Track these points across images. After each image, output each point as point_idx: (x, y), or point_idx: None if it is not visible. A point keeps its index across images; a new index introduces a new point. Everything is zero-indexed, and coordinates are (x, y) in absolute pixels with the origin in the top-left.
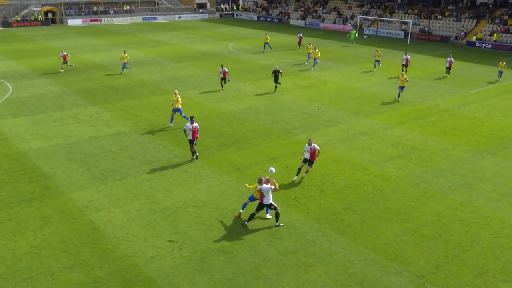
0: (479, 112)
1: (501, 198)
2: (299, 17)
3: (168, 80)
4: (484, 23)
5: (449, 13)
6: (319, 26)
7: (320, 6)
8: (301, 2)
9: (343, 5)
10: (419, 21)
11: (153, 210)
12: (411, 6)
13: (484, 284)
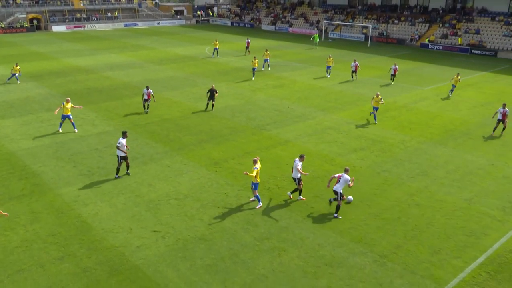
0: (432, 107)
1: (452, 184)
2: (269, 22)
3: (149, 82)
4: (435, 27)
5: (404, 18)
6: (288, 31)
7: (288, 12)
8: (271, 8)
9: (309, 11)
10: (378, 26)
11: (137, 203)
12: (371, 12)
13: (439, 261)
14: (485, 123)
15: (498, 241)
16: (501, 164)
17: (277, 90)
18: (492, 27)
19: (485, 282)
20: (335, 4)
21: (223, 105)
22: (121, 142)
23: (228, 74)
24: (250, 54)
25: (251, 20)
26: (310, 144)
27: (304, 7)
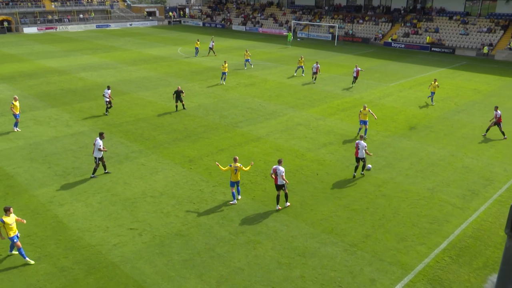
0: (396, 103)
1: (416, 175)
2: (240, 23)
3: (123, 82)
4: (398, 26)
5: (368, 18)
6: (258, 31)
7: (258, 13)
8: (241, 9)
9: (278, 12)
10: (344, 25)
11: (113, 202)
12: (337, 12)
13: (405, 248)
14: (446, 117)
15: (459, 227)
16: (460, 155)
17: (249, 89)
18: (450, 26)
19: (448, 266)
20: (302, 5)
21: (196, 104)
22: (99, 143)
23: (201, 73)
24: (215, 55)
25: (222, 21)
26: (282, 140)
27: (273, 7)
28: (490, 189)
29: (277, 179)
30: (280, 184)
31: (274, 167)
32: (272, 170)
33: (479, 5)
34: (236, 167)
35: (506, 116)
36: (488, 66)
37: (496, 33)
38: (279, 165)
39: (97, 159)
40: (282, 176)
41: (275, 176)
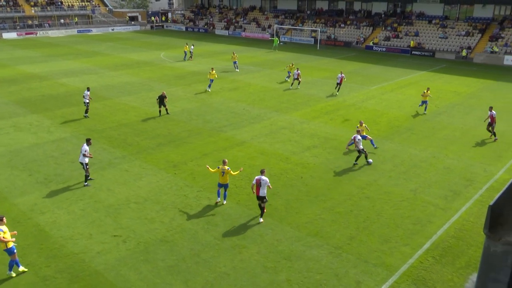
0: (378, 105)
1: (399, 176)
2: (223, 27)
3: (105, 88)
4: (379, 30)
5: (350, 22)
6: (241, 35)
7: (241, 17)
8: (224, 14)
9: (261, 16)
10: (326, 29)
11: (96, 209)
12: (319, 16)
13: (389, 249)
14: (427, 119)
15: (441, 228)
16: (442, 156)
17: (232, 93)
18: (429, 29)
19: (431, 266)
20: (285, 9)
21: (180, 108)
22: (86, 149)
23: (184, 78)
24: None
25: (205, 25)
26: (266, 144)
27: (256, 12)
28: (471, 189)
29: (259, 190)
30: (261, 196)
31: (257, 178)
32: (255, 181)
33: (457, 9)
34: (223, 170)
35: (486, 117)
36: (467, 68)
37: (474, 36)
38: (262, 175)
39: (85, 165)
40: (268, 185)
41: (257, 187)
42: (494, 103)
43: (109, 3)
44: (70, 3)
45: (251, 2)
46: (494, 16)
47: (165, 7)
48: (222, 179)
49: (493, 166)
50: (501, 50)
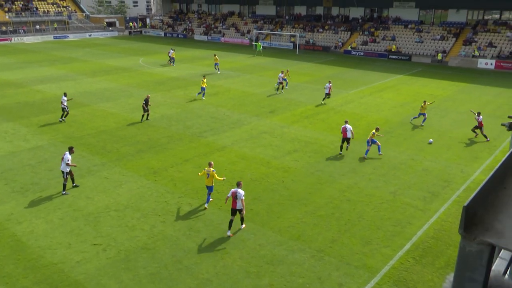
0: (357, 109)
1: (379, 179)
2: (202, 32)
3: (83, 94)
4: (356, 35)
5: (328, 27)
6: (220, 40)
7: (220, 23)
8: (203, 19)
9: (240, 22)
10: (304, 34)
11: (75, 217)
12: (297, 22)
13: (371, 251)
14: (405, 122)
15: (421, 229)
16: (420, 158)
17: (212, 98)
18: (405, 34)
19: (412, 267)
20: (264, 14)
21: (160, 114)
22: (69, 158)
23: (164, 84)
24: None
25: (183, 31)
26: (247, 148)
27: (235, 17)
28: (448, 190)
29: (236, 203)
30: (238, 209)
31: (233, 190)
32: (230, 193)
33: (432, 14)
34: (208, 172)
35: (461, 119)
36: (443, 72)
37: (448, 40)
38: (239, 188)
39: (65, 174)
40: (242, 200)
41: (233, 199)
42: (469, 105)
43: (86, 9)
44: (46, 9)
45: (229, 8)
46: (467, 21)
47: (143, 13)
48: (207, 181)
49: (470, 167)
50: (474, 53)
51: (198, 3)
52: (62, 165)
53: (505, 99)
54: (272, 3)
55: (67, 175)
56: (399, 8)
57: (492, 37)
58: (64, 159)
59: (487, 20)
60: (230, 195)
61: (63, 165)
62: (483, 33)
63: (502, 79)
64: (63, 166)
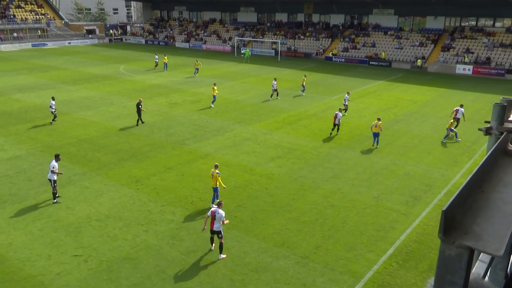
0: None
1: (362, 184)
2: (183, 40)
3: (63, 103)
4: (337, 42)
5: (309, 34)
6: (202, 47)
7: (201, 30)
8: (184, 26)
9: (221, 29)
10: (286, 41)
11: (55, 228)
12: (279, 29)
13: (355, 256)
14: (386, 127)
15: (404, 233)
16: (402, 163)
17: (194, 105)
18: (385, 40)
19: (395, 271)
20: (245, 22)
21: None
22: (54, 165)
23: (145, 91)
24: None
25: (165, 38)
26: (230, 155)
27: (216, 24)
28: (430, 194)
29: (213, 224)
30: (215, 230)
31: (212, 210)
32: (210, 213)
33: (410, 21)
34: (212, 173)
35: (441, 124)
36: (422, 77)
37: (427, 46)
38: (219, 208)
39: (53, 182)
40: (222, 220)
41: (211, 220)
42: (448, 110)
43: (65, 16)
44: (24, 16)
45: (211, 15)
46: (445, 27)
47: (124, 20)
48: (212, 182)
49: (450, 171)
50: (452, 59)
51: (179, 10)
52: (48, 173)
53: (482, 104)
54: (253, 10)
55: (55, 183)
56: (378, 15)
57: (469, 43)
58: (50, 166)
59: (464, 27)
60: (210, 214)
61: (49, 174)
62: (460, 39)
63: (479, 84)
64: (50, 175)
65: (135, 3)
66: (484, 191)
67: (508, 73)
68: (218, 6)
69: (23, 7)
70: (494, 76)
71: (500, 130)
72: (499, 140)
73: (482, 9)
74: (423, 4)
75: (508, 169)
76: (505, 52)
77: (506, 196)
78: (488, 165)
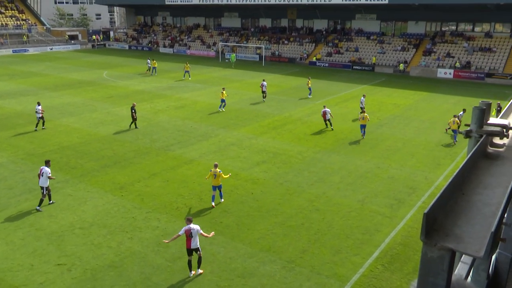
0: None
1: (347, 188)
2: (167, 45)
3: (45, 109)
4: (321, 46)
5: (293, 39)
6: (186, 53)
7: (185, 35)
8: (168, 32)
9: (205, 34)
10: (270, 46)
11: (38, 237)
12: (263, 34)
13: (341, 260)
14: (370, 131)
15: (389, 236)
16: (385, 166)
17: (178, 111)
18: (368, 45)
19: (381, 274)
20: (229, 27)
21: (125, 128)
22: (47, 170)
23: (129, 97)
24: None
25: (148, 44)
26: (215, 161)
27: (200, 30)
28: (414, 197)
29: (190, 242)
30: (193, 248)
31: (185, 228)
32: (183, 231)
33: (392, 26)
34: (215, 173)
35: (424, 127)
36: (405, 82)
37: (409, 51)
38: (190, 224)
39: (44, 189)
40: (201, 234)
41: (187, 238)
42: (430, 113)
43: (47, 22)
44: (4, 22)
45: (195, 20)
46: (426, 32)
47: (107, 26)
48: (215, 181)
49: (433, 174)
50: (434, 63)
51: (163, 15)
52: (41, 180)
53: (463, 107)
54: (237, 16)
55: (47, 190)
56: (361, 20)
57: (450, 48)
58: (44, 173)
59: (444, 32)
60: (183, 233)
61: (42, 180)
62: (441, 44)
63: (460, 88)
64: (42, 181)
65: (118, 9)
66: (464, 193)
67: (487, 76)
68: (202, 12)
69: (3, 12)
70: (474, 79)
71: (480, 133)
72: (478, 143)
73: (462, 14)
74: (405, 9)
75: (488, 171)
76: (484, 56)
77: (486, 198)
78: (468, 167)
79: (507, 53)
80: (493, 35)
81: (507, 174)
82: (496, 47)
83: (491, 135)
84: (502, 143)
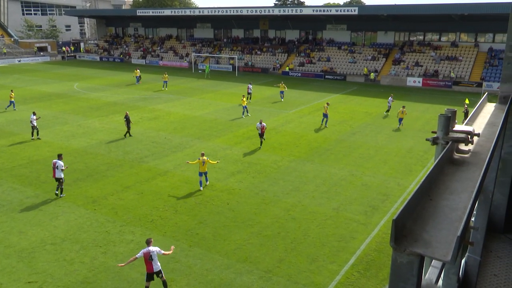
0: (297, 128)
1: (322, 196)
2: (139, 56)
3: (13, 123)
4: (293, 56)
5: (266, 49)
6: (158, 64)
7: (158, 46)
8: (140, 43)
9: (178, 45)
10: (243, 56)
11: (7, 255)
12: (236, 44)
13: (317, 268)
14: (343, 139)
15: (364, 242)
16: (359, 173)
17: (152, 122)
18: (339, 55)
19: (357, 281)
20: (202, 38)
21: (97, 140)
22: (61, 164)
23: (101, 109)
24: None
25: (120, 55)
26: (190, 172)
27: (173, 40)
28: (387, 203)
29: (151, 266)
30: (155, 272)
31: (144, 251)
32: (141, 254)
33: (362, 36)
34: (204, 160)
35: (395, 134)
36: (376, 90)
37: (379, 60)
38: (150, 246)
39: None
40: (163, 253)
41: (146, 261)
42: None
43: (14, 34)
44: None
45: (167, 31)
46: (395, 42)
47: (77, 37)
48: (202, 168)
49: (405, 180)
50: (403, 72)
51: (135, 27)
52: (56, 173)
53: (432, 114)
54: (209, 26)
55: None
56: (332, 30)
57: (418, 57)
58: (58, 166)
59: (412, 41)
60: (141, 255)
61: (58, 172)
62: (410, 53)
63: (429, 96)
64: (58, 173)
65: (89, 20)
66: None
67: (455, 84)
68: (174, 23)
69: None
70: (442, 87)
71: (446, 140)
72: (445, 149)
73: (429, 25)
74: (374, 20)
75: (454, 177)
76: (450, 64)
77: (453, 203)
78: (435, 173)
79: (472, 61)
80: (458, 44)
81: (472, 179)
82: (462, 56)
83: (457, 142)
84: (468, 149)
